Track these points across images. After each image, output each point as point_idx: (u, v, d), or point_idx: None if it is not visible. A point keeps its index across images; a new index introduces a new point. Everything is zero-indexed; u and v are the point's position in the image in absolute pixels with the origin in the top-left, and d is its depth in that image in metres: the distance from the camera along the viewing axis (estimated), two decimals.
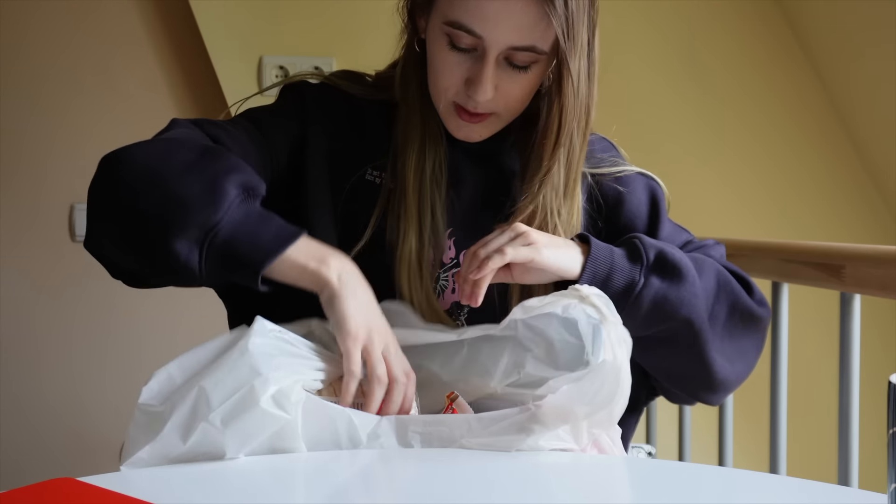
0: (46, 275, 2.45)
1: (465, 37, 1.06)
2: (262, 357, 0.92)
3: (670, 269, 1.10)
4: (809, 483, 0.90)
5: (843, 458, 1.55)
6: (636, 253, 1.11)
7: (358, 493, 0.90)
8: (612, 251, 1.10)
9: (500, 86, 1.09)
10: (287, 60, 2.44)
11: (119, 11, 2.48)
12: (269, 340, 0.95)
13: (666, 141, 2.60)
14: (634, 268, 1.09)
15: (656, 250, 1.11)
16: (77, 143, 2.47)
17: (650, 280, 1.09)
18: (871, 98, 2.54)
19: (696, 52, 2.63)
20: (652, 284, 1.09)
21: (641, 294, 1.09)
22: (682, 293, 1.10)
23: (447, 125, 1.15)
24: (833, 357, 1.61)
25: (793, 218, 2.67)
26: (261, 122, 1.17)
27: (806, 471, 1.33)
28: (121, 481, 0.89)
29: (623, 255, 1.10)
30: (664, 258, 1.11)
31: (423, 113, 1.16)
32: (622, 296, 1.08)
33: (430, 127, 1.16)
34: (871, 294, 1.51)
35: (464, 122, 1.12)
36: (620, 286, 1.08)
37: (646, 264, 1.10)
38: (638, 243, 1.11)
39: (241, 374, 0.91)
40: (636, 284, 1.09)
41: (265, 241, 0.97)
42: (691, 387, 1.20)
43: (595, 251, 1.09)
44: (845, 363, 1.56)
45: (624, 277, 1.09)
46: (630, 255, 1.11)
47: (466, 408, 1.01)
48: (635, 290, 1.08)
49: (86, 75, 2.48)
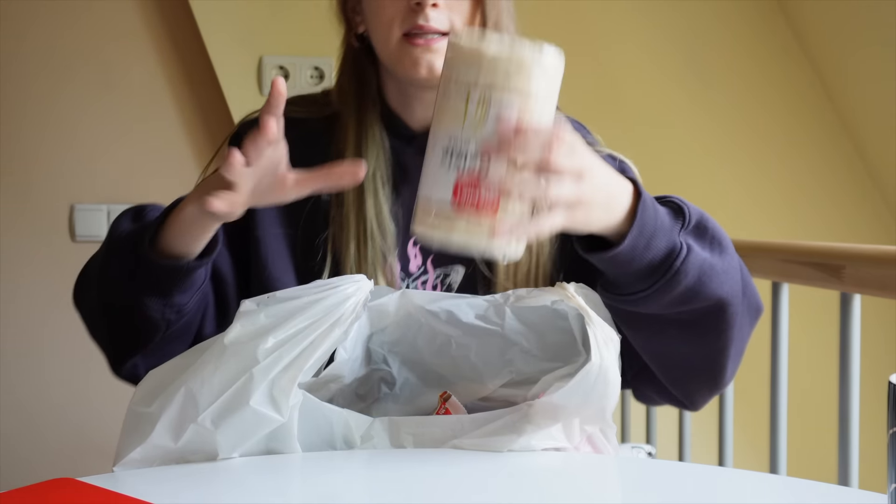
0: (46, 275, 2.45)
1: None
2: (244, 350, 0.91)
3: (710, 237, 1.02)
4: (809, 483, 0.90)
5: (843, 458, 1.55)
6: (679, 212, 1.01)
7: (351, 493, 0.90)
8: (656, 210, 0.99)
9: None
10: (287, 60, 2.44)
11: (119, 11, 2.48)
12: (249, 329, 0.93)
13: (666, 140, 2.60)
14: (674, 229, 0.99)
15: (698, 214, 1.03)
16: (77, 144, 2.47)
17: (693, 250, 0.99)
18: (871, 98, 2.53)
19: (697, 52, 2.63)
20: (695, 254, 0.99)
21: (685, 263, 0.98)
22: (724, 266, 1.02)
23: (404, 68, 1.12)
24: (833, 357, 1.61)
25: (793, 218, 2.67)
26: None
27: (806, 471, 1.33)
28: (120, 481, 0.89)
29: (665, 211, 1.00)
30: (704, 223, 1.02)
31: (359, 117, 1.16)
32: (661, 263, 0.98)
33: (369, 130, 1.16)
34: (871, 294, 1.51)
35: (419, 49, 1.10)
36: (661, 253, 0.98)
37: (687, 227, 1.00)
38: (678, 202, 1.02)
39: (227, 372, 0.91)
40: (678, 252, 0.98)
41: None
42: (692, 383, 1.12)
43: (642, 211, 0.97)
44: (845, 363, 1.56)
45: (666, 241, 0.98)
46: (674, 213, 1.01)
47: (459, 408, 1.01)
48: (678, 261, 0.98)
49: (86, 75, 2.48)
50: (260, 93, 2.46)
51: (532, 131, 0.86)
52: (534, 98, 0.87)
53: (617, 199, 0.96)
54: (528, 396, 0.98)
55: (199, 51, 2.47)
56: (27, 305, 2.45)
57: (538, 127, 0.86)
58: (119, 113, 2.49)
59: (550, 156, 0.86)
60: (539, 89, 0.87)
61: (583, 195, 0.90)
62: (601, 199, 0.93)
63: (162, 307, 1.05)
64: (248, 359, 0.91)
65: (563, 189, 0.88)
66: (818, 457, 2.07)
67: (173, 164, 2.46)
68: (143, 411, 0.93)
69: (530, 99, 0.87)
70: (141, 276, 1.04)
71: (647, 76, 2.61)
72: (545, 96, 0.88)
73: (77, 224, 2.47)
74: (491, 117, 0.86)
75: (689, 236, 1.00)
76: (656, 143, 2.56)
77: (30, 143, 2.47)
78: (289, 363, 0.91)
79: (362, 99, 1.17)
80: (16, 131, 2.46)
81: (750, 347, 1.21)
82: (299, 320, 0.93)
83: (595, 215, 0.94)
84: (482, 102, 0.86)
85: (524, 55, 0.86)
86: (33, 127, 2.47)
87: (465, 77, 0.87)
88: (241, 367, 0.91)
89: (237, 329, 0.93)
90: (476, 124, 0.86)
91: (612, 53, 2.59)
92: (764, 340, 1.84)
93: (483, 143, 0.86)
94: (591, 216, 0.93)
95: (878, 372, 1.82)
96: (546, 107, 0.89)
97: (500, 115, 0.86)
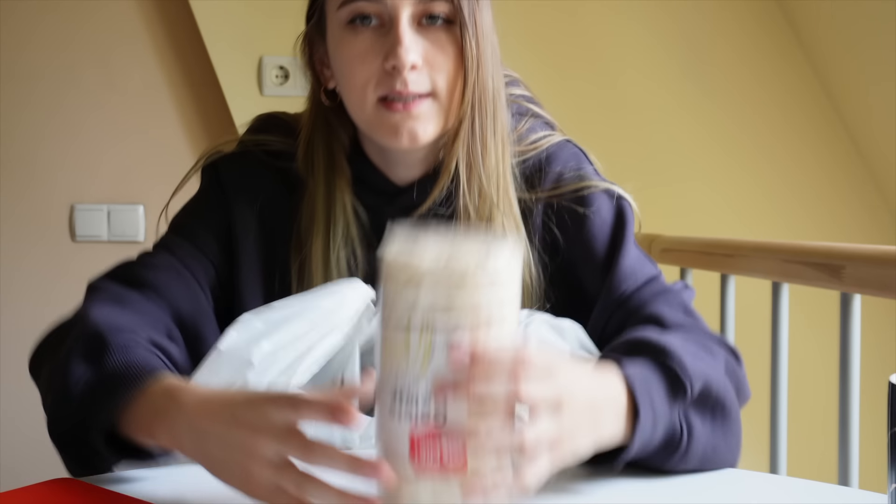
0: (46, 275, 2.45)
1: (367, 5, 0.99)
2: (240, 354, 0.90)
3: (712, 404, 0.91)
4: (809, 483, 0.90)
5: (843, 458, 1.55)
6: (678, 386, 0.88)
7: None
8: (651, 393, 0.86)
9: (426, 55, 0.99)
10: (287, 60, 2.44)
11: (119, 11, 2.48)
12: (245, 335, 0.92)
13: (666, 140, 2.60)
14: (674, 410, 0.88)
15: (702, 381, 0.90)
16: (77, 144, 2.47)
17: (693, 431, 0.89)
18: (871, 98, 2.53)
19: (697, 53, 2.63)
20: (697, 435, 0.89)
21: (689, 448, 0.89)
22: (727, 431, 0.92)
23: (383, 136, 1.02)
24: (833, 357, 1.61)
25: (793, 218, 2.66)
26: (187, 232, 1.09)
27: (806, 471, 1.33)
28: (120, 481, 0.89)
29: (662, 389, 0.87)
30: (707, 391, 0.90)
31: (328, 187, 1.06)
32: (662, 447, 0.88)
33: (339, 204, 1.06)
34: (871, 294, 1.50)
35: (398, 115, 0.99)
36: (660, 440, 0.88)
37: (687, 401, 0.89)
38: (677, 370, 0.88)
39: (222, 377, 0.90)
40: (680, 438, 0.88)
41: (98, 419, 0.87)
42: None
43: (642, 423, 0.84)
44: (845, 363, 1.56)
45: (664, 427, 0.87)
46: (671, 388, 0.88)
47: None
48: (680, 447, 0.89)
49: (86, 75, 2.48)
50: (260, 93, 2.46)
51: (492, 358, 0.70)
52: (486, 313, 0.70)
53: (605, 413, 0.82)
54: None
55: (199, 51, 2.47)
56: (27, 305, 2.45)
57: (498, 350, 0.70)
58: (119, 113, 2.49)
59: (520, 387, 0.70)
60: (491, 301, 0.70)
61: (564, 429, 0.75)
62: (587, 422, 0.79)
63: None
64: (242, 363, 0.90)
65: (542, 428, 0.72)
66: (818, 457, 2.07)
67: (173, 165, 2.46)
68: None
69: (481, 315, 0.70)
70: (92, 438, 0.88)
71: (648, 77, 2.61)
72: (501, 305, 0.71)
73: (77, 224, 2.47)
74: (438, 346, 0.69)
75: (690, 410, 0.89)
76: (657, 143, 2.56)
77: (30, 143, 2.47)
78: (285, 367, 0.91)
79: (332, 170, 1.06)
80: (16, 131, 2.47)
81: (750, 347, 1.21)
82: (297, 325, 0.92)
83: (583, 443, 0.79)
84: (425, 329, 0.69)
85: (464, 265, 0.69)
86: (33, 127, 2.47)
87: (401, 300, 0.70)
88: (236, 371, 0.90)
89: (233, 336, 0.92)
90: (422, 358, 0.69)
91: (612, 55, 2.59)
92: (764, 340, 1.84)
93: (435, 381, 0.69)
94: (579, 444, 0.79)
95: (878, 372, 1.82)
96: (505, 320, 0.71)
97: (448, 343, 0.69)
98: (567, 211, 1.07)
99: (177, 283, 1.05)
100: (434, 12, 1.00)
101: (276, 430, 0.73)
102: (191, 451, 0.80)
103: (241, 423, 0.75)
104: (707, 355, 0.94)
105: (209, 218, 1.09)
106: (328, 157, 1.07)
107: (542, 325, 0.97)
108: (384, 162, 1.08)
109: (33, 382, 1.04)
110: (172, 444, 0.82)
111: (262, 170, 1.10)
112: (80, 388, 0.89)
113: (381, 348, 0.72)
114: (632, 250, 1.06)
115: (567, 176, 1.08)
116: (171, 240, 1.09)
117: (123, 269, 1.06)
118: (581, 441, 0.79)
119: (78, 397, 0.89)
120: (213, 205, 1.10)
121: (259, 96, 2.46)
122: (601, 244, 1.06)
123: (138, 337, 0.94)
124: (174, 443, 0.82)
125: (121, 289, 1.03)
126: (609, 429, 0.82)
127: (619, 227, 1.07)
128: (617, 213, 1.08)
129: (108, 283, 1.05)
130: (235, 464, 0.75)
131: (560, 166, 1.09)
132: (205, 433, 0.78)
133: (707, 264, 1.98)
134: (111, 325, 0.94)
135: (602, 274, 1.05)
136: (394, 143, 1.01)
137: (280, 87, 2.45)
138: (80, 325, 0.96)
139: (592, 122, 2.48)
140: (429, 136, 1.02)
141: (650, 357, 0.89)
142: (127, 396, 0.86)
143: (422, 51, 0.99)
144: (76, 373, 0.90)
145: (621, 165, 2.57)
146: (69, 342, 0.94)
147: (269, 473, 0.73)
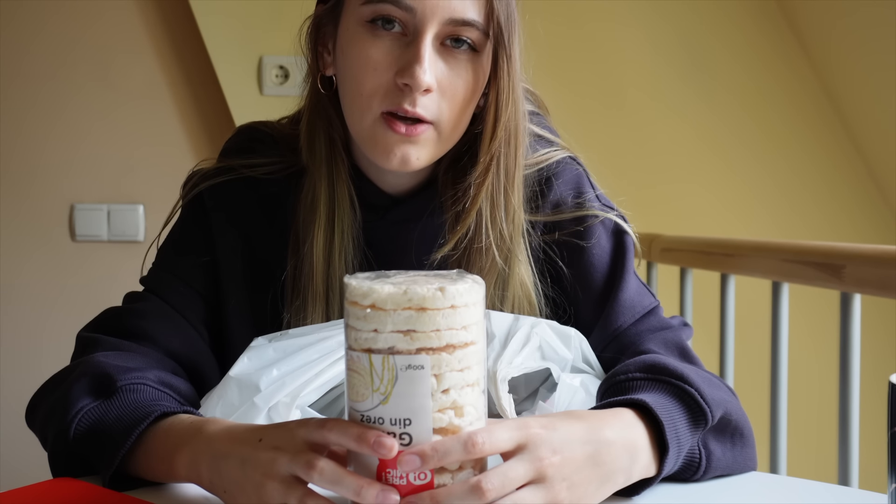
0: (46, 274, 2.45)
1: (394, 10, 0.92)
2: (249, 380, 0.91)
3: (731, 431, 0.90)
4: (810, 483, 0.90)
5: (843, 458, 1.55)
6: (699, 414, 0.86)
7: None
8: (676, 426, 0.83)
9: (441, 80, 0.94)
10: (287, 60, 2.44)
11: (119, 11, 2.48)
12: (256, 362, 0.92)
13: (666, 140, 2.60)
14: (695, 438, 0.86)
15: (722, 409, 0.88)
16: (77, 143, 2.48)
17: (713, 455, 0.88)
18: (871, 98, 2.53)
19: (698, 53, 2.63)
20: (715, 461, 0.88)
21: (705, 472, 0.88)
22: (744, 455, 0.91)
23: (375, 153, 0.96)
24: (833, 357, 1.61)
25: (793, 218, 2.67)
26: (174, 266, 1.06)
27: (806, 471, 1.33)
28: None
29: (685, 419, 0.85)
30: (727, 418, 0.89)
31: (330, 178, 1.02)
32: (678, 472, 0.87)
33: (340, 193, 1.02)
34: (871, 294, 1.51)
35: (397, 137, 0.94)
36: (679, 467, 0.86)
37: (706, 427, 0.87)
38: (697, 397, 0.85)
39: (230, 402, 0.91)
40: (698, 464, 0.87)
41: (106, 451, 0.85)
42: None
43: (671, 449, 0.81)
44: (845, 363, 1.56)
45: (686, 455, 0.86)
46: (693, 417, 0.86)
47: None
48: (698, 472, 0.87)
49: (86, 75, 2.48)
50: (260, 92, 2.46)
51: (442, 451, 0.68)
52: (448, 337, 0.69)
53: (619, 459, 0.77)
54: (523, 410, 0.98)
55: (199, 51, 2.47)
56: (27, 305, 2.45)
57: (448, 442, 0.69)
58: (119, 113, 2.49)
59: (480, 480, 0.68)
60: (452, 324, 0.69)
61: (558, 495, 0.72)
62: (591, 478, 0.75)
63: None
64: (250, 389, 0.90)
65: (525, 500, 0.70)
66: (818, 457, 2.07)
67: (173, 165, 2.46)
68: None
69: (443, 338, 0.69)
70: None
71: (649, 77, 2.61)
72: (465, 328, 0.70)
73: (77, 224, 2.47)
74: (400, 369, 0.68)
75: (709, 436, 0.88)
76: (657, 143, 2.56)
77: (30, 143, 2.47)
78: (291, 392, 0.91)
79: (332, 160, 1.02)
80: (16, 131, 2.47)
81: (750, 347, 1.22)
82: (307, 354, 0.92)
83: (593, 493, 0.75)
84: (388, 353, 0.68)
85: (424, 290, 0.68)
86: (34, 127, 2.47)
87: (364, 324, 0.69)
88: (244, 397, 0.90)
89: (244, 362, 0.92)
90: (387, 382, 0.69)
91: (613, 56, 2.59)
92: (764, 340, 1.84)
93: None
94: (586, 497, 0.74)
95: (878, 372, 1.83)
96: (469, 343, 0.70)
97: (411, 365, 0.68)
98: (566, 241, 1.04)
99: (170, 329, 1.01)
100: (462, 36, 0.94)
101: (296, 447, 0.71)
102: (206, 478, 0.78)
103: (266, 445, 0.73)
104: (719, 384, 0.93)
105: (195, 250, 1.06)
106: (329, 146, 1.02)
107: (548, 330, 0.97)
108: (374, 171, 1.04)
109: (30, 420, 1.01)
110: (189, 473, 0.79)
111: (247, 194, 1.06)
112: (86, 425, 0.87)
113: (346, 372, 0.72)
114: (631, 281, 1.04)
115: (567, 204, 1.05)
116: (159, 278, 1.06)
117: (113, 320, 1.02)
118: (590, 493, 0.75)
119: (85, 436, 0.87)
120: (198, 236, 1.06)
121: (259, 96, 2.46)
122: (600, 275, 1.03)
123: (146, 376, 0.91)
124: (191, 472, 0.79)
125: (115, 340, 0.99)
126: (636, 469, 0.79)
127: (618, 259, 1.04)
128: (616, 244, 1.05)
129: (100, 335, 1.00)
130: (250, 482, 0.72)
131: (560, 191, 1.05)
132: (225, 456, 0.75)
133: (707, 264, 1.98)
134: (117, 366, 0.91)
135: (599, 306, 1.03)
136: (383, 164, 0.96)
137: (280, 86, 2.45)
138: (83, 367, 0.92)
139: (593, 123, 2.48)
140: (420, 164, 0.97)
141: (668, 384, 0.86)
142: (137, 436, 0.83)
143: (438, 75, 0.93)
144: (82, 408, 0.88)
145: (622, 166, 2.58)
146: (71, 380, 0.91)
147: (279, 490, 0.71)
